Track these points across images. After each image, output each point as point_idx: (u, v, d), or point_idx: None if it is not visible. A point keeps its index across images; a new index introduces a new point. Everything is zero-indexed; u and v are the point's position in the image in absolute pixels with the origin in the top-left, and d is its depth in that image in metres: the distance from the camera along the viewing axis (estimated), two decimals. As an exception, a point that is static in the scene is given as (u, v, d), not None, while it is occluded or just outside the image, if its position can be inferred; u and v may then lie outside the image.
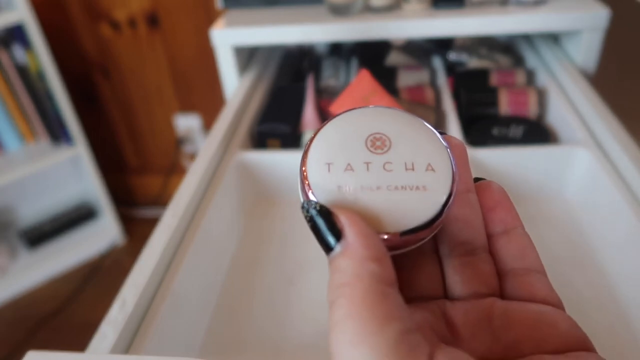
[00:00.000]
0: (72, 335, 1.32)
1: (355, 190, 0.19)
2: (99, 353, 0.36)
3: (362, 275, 0.16)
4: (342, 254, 0.17)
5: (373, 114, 0.21)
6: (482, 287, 0.20)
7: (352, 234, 0.17)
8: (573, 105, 0.64)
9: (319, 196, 0.19)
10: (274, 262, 0.56)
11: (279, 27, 0.72)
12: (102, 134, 1.61)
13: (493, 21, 0.69)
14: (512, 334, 0.19)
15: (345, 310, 0.16)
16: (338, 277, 0.17)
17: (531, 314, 0.19)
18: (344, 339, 0.15)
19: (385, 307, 0.16)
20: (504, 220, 0.21)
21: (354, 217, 0.18)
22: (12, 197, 1.56)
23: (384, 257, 0.17)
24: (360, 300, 0.16)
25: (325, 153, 0.20)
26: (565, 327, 0.19)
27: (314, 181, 0.20)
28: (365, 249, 0.17)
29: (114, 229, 1.58)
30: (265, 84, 0.80)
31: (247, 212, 0.63)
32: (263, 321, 0.49)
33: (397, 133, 0.21)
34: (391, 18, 0.71)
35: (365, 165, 0.20)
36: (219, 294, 0.52)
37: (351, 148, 0.20)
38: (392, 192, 0.19)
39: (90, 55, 1.46)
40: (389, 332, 0.15)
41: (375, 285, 0.16)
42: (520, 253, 0.21)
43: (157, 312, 0.41)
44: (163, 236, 0.46)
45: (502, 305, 0.20)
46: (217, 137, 0.62)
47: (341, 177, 0.19)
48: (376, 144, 0.20)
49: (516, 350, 0.19)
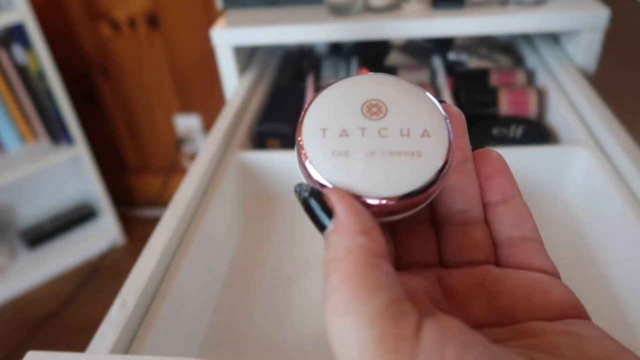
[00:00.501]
0: (72, 335, 1.32)
1: (349, 155, 0.19)
2: (99, 353, 0.36)
3: (351, 248, 0.17)
4: (334, 230, 0.18)
5: (370, 81, 0.21)
6: (477, 255, 0.21)
7: (342, 211, 0.18)
8: (573, 105, 0.64)
9: (313, 162, 0.19)
10: (274, 262, 0.56)
11: (279, 27, 0.72)
12: (102, 134, 1.61)
13: (493, 21, 0.69)
14: (506, 301, 0.19)
15: (336, 283, 0.16)
16: (330, 252, 0.17)
17: (525, 281, 0.19)
18: (334, 309, 0.16)
19: (374, 277, 0.16)
20: (502, 188, 0.21)
21: (342, 195, 0.18)
22: (12, 197, 1.56)
23: (373, 230, 0.18)
24: (349, 272, 0.16)
25: (320, 119, 0.20)
26: (560, 294, 0.19)
27: (308, 147, 0.20)
28: (355, 223, 0.17)
29: (114, 229, 1.58)
30: (265, 84, 0.80)
31: (247, 212, 0.63)
32: (263, 321, 0.49)
33: (393, 100, 0.20)
34: (391, 18, 0.71)
35: (361, 130, 0.20)
36: (219, 294, 0.52)
37: (346, 114, 0.20)
38: (387, 157, 0.19)
39: (90, 55, 1.46)
40: (376, 301, 0.15)
41: (365, 257, 0.17)
42: (517, 221, 0.21)
43: (157, 312, 0.41)
44: (163, 236, 0.46)
45: (496, 272, 0.20)
46: (217, 137, 0.62)
47: (336, 143, 0.19)
48: (372, 110, 0.20)
49: (510, 317, 0.19)
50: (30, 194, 1.57)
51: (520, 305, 0.19)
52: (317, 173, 0.19)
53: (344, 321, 0.15)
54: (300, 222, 0.61)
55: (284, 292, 0.52)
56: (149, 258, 0.44)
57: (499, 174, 0.21)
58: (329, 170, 0.19)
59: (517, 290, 0.19)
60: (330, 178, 0.19)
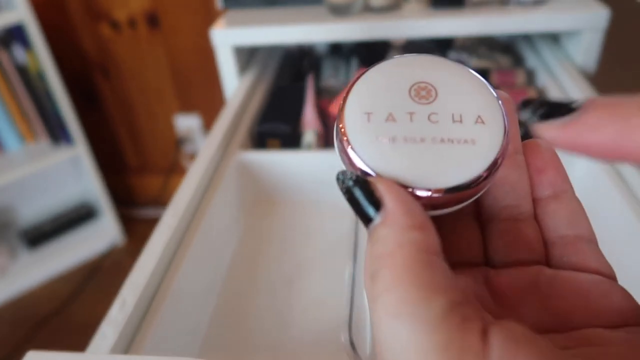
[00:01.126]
0: (72, 335, 1.32)
1: (397, 141, 0.17)
2: (99, 353, 0.36)
3: (404, 243, 0.15)
4: (382, 223, 0.16)
5: (418, 62, 0.19)
6: (526, 254, 0.19)
7: (391, 202, 0.16)
8: (573, 105, 0.64)
9: (359, 148, 0.18)
10: (274, 262, 0.56)
11: (279, 27, 0.72)
12: (102, 134, 1.61)
13: (493, 21, 0.69)
14: (562, 304, 0.17)
15: (388, 281, 0.15)
16: (378, 247, 0.16)
17: (582, 284, 0.18)
18: (386, 310, 0.14)
19: (431, 276, 0.14)
20: (553, 182, 0.19)
21: (392, 185, 0.17)
22: (12, 197, 1.56)
23: (427, 224, 0.16)
24: (403, 270, 0.15)
25: (363, 102, 0.18)
26: (620, 298, 0.17)
27: (351, 132, 0.18)
28: (407, 216, 0.16)
29: (114, 229, 1.58)
30: (265, 84, 0.80)
31: (247, 212, 0.63)
32: (263, 321, 0.49)
33: (444, 82, 0.19)
34: (391, 18, 0.71)
35: (409, 115, 0.18)
36: (219, 294, 0.52)
37: (393, 97, 0.18)
38: (437, 145, 0.17)
39: (90, 55, 1.46)
40: (436, 304, 0.14)
41: (419, 254, 0.15)
42: (571, 219, 0.19)
43: (157, 312, 0.41)
44: (163, 236, 0.46)
45: (550, 273, 0.18)
46: (217, 137, 0.62)
47: (382, 128, 0.18)
48: (421, 94, 0.18)
49: (567, 322, 0.17)
50: (30, 194, 1.57)
51: (578, 309, 0.17)
52: (361, 160, 0.18)
53: (398, 324, 0.14)
54: (300, 222, 0.61)
55: (284, 291, 0.52)
56: (149, 258, 0.44)
57: (550, 167, 0.19)
58: (374, 158, 0.17)
59: (573, 294, 0.18)
60: (375, 166, 0.17)
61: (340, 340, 0.47)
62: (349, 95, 0.19)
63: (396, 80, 0.19)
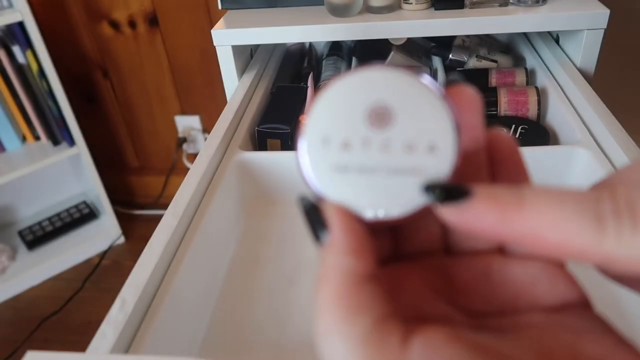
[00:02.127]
0: (72, 335, 1.32)
1: (349, 171, 0.19)
2: (99, 353, 0.36)
3: (337, 268, 0.17)
4: (326, 247, 0.18)
5: (376, 79, 0.20)
6: (482, 243, 0.21)
7: (335, 228, 0.18)
8: (573, 106, 0.64)
9: (313, 173, 0.19)
10: (274, 262, 0.56)
11: (279, 27, 0.72)
12: (102, 134, 1.61)
13: (493, 21, 0.69)
14: (509, 290, 0.19)
15: (322, 302, 0.17)
16: (320, 270, 0.18)
17: (529, 270, 0.19)
18: (320, 329, 0.16)
19: (358, 298, 0.16)
20: (513, 175, 0.21)
21: (338, 210, 0.19)
22: (12, 197, 1.56)
23: (364, 248, 0.18)
24: (334, 293, 0.17)
25: (321, 126, 0.19)
26: (563, 284, 0.19)
27: (308, 157, 0.19)
28: (345, 242, 0.18)
29: (114, 229, 1.58)
30: (265, 84, 0.80)
31: (247, 212, 0.63)
32: (263, 321, 0.49)
33: (401, 104, 0.19)
34: (391, 18, 0.71)
35: (363, 142, 0.19)
36: (219, 294, 0.52)
37: (349, 121, 0.19)
38: (387, 176, 0.19)
39: (90, 55, 1.46)
40: (360, 323, 0.16)
41: (349, 278, 0.17)
42: None
43: (157, 312, 0.41)
44: (163, 236, 0.46)
45: (501, 261, 0.20)
46: (217, 137, 0.62)
47: (337, 155, 0.19)
48: (377, 118, 0.19)
49: (513, 306, 0.19)
50: (30, 194, 1.58)
51: (524, 295, 0.19)
52: (316, 185, 0.19)
53: (329, 342, 0.16)
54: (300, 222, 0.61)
55: (284, 292, 0.52)
56: (149, 258, 0.44)
57: (509, 160, 0.21)
58: (328, 184, 0.19)
59: (521, 280, 0.19)
60: (329, 192, 0.19)
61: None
62: (310, 117, 0.20)
63: (355, 100, 0.19)
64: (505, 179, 0.21)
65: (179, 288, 0.45)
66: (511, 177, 0.21)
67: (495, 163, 0.21)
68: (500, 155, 0.21)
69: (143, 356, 0.34)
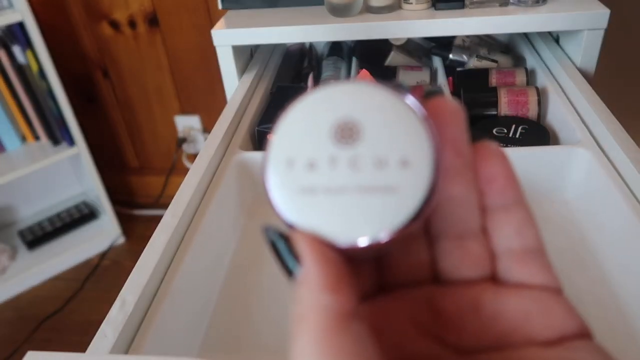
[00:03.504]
0: (72, 335, 1.32)
1: (317, 193, 0.17)
2: (99, 353, 0.36)
3: (315, 307, 0.16)
4: (300, 282, 0.16)
5: (342, 95, 0.18)
6: (472, 272, 0.19)
7: (308, 261, 0.16)
8: (573, 106, 0.64)
9: (279, 199, 0.17)
10: (273, 262, 0.56)
11: (279, 27, 0.72)
12: (102, 134, 1.61)
13: (493, 21, 0.69)
14: (502, 324, 0.18)
15: (299, 348, 0.15)
16: (297, 307, 0.16)
17: (523, 302, 0.18)
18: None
19: (340, 342, 0.15)
20: (503, 192, 0.19)
21: (311, 241, 0.16)
22: (12, 197, 1.56)
23: (341, 284, 0.16)
24: (313, 338, 0.15)
25: (285, 146, 0.18)
26: (560, 315, 0.18)
27: (274, 181, 0.18)
28: (321, 277, 0.16)
29: (114, 229, 1.58)
30: (265, 84, 0.80)
31: (247, 212, 0.63)
32: (263, 321, 0.49)
33: (369, 118, 0.18)
34: (391, 18, 0.71)
35: (330, 161, 0.17)
36: (219, 294, 0.52)
37: (314, 140, 0.18)
38: (358, 195, 0.17)
39: (90, 55, 1.46)
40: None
41: (329, 320, 0.15)
42: (518, 230, 0.19)
43: (157, 312, 0.41)
44: (163, 236, 0.46)
45: (492, 292, 0.18)
46: (217, 137, 0.62)
47: (302, 177, 0.17)
48: (344, 134, 0.17)
49: (507, 341, 0.18)
50: (30, 194, 1.58)
51: (518, 330, 0.18)
52: (285, 212, 0.17)
53: None
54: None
55: (284, 292, 0.52)
56: (149, 258, 0.44)
57: (500, 176, 0.19)
58: (295, 210, 0.17)
59: (514, 314, 0.18)
60: (297, 219, 0.17)
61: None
62: (274, 137, 0.18)
63: (319, 119, 0.18)
64: (495, 197, 0.19)
65: (179, 288, 0.45)
66: (502, 195, 0.19)
67: (486, 182, 0.19)
68: (489, 172, 0.19)
69: (143, 356, 0.34)
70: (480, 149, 0.19)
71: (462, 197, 0.19)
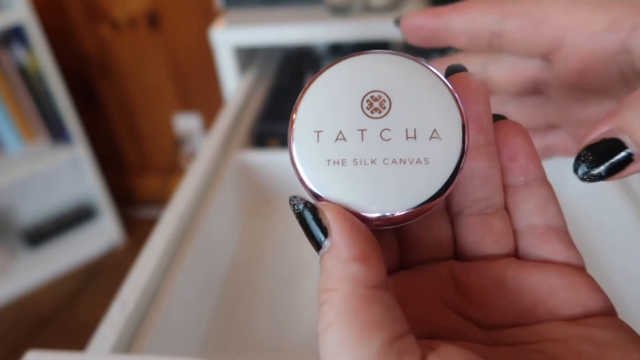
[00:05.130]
0: (72, 335, 1.32)
1: (346, 164, 0.17)
2: (99, 353, 0.36)
3: (344, 278, 0.15)
4: (328, 253, 0.16)
5: (371, 65, 0.18)
6: (494, 248, 0.19)
7: (336, 232, 0.16)
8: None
9: (306, 171, 0.17)
10: (273, 262, 0.56)
11: (279, 27, 0.72)
12: (102, 134, 1.61)
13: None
14: (526, 299, 0.18)
15: (329, 319, 0.15)
16: (323, 279, 0.16)
17: (547, 277, 0.18)
18: (328, 350, 0.15)
19: (370, 313, 0.15)
20: (525, 169, 0.19)
21: (339, 212, 0.16)
22: (12, 197, 1.56)
23: (371, 254, 0.16)
24: (342, 308, 0.15)
25: (313, 119, 0.18)
26: (585, 291, 0.18)
27: (301, 153, 0.17)
28: (350, 248, 0.16)
29: (113, 229, 1.58)
30: (265, 84, 0.80)
31: (247, 212, 0.63)
32: (263, 321, 0.49)
33: (399, 89, 0.17)
34: (391, 18, 0.71)
35: (360, 133, 0.17)
36: (219, 294, 0.52)
37: (344, 111, 0.17)
38: (388, 167, 0.17)
39: (90, 55, 1.46)
40: (373, 342, 0.14)
41: (359, 289, 0.15)
42: (541, 207, 0.19)
43: (157, 312, 0.41)
44: (163, 236, 0.46)
45: (516, 267, 0.18)
46: (217, 137, 0.62)
47: (331, 149, 0.17)
48: (373, 105, 0.17)
49: (531, 316, 0.17)
50: (30, 194, 1.57)
51: (542, 304, 0.17)
52: (312, 183, 0.17)
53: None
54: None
55: (284, 292, 0.52)
56: (149, 258, 0.44)
57: (522, 153, 0.19)
58: (324, 181, 0.17)
59: (538, 289, 0.18)
60: (325, 190, 0.17)
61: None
62: (299, 108, 0.18)
63: (349, 89, 0.18)
64: (518, 174, 0.19)
65: (179, 288, 0.45)
66: (524, 171, 0.19)
67: (508, 159, 0.19)
68: (512, 149, 0.19)
69: (143, 356, 0.34)
70: (502, 126, 0.19)
71: (485, 173, 0.19)
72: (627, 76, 0.22)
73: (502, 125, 0.19)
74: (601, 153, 0.18)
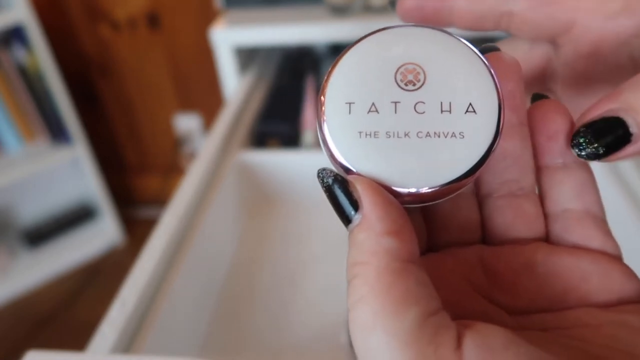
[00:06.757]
0: (72, 335, 1.32)
1: (379, 136, 0.16)
2: (99, 353, 0.36)
3: (377, 252, 0.15)
4: (359, 227, 0.15)
5: (405, 37, 0.17)
6: (524, 232, 0.18)
7: (368, 205, 0.15)
8: (573, 105, 0.64)
9: (337, 143, 0.17)
10: (274, 262, 0.56)
11: (279, 27, 0.72)
12: (102, 134, 1.61)
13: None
14: (557, 285, 0.17)
15: (361, 292, 0.14)
16: (354, 253, 0.15)
17: (580, 263, 0.17)
18: (360, 323, 0.14)
19: (404, 287, 0.14)
20: (564, 151, 0.18)
21: (370, 185, 0.16)
22: (12, 197, 1.56)
23: (404, 228, 0.15)
24: (375, 281, 0.14)
25: (345, 90, 0.17)
26: (619, 278, 0.17)
27: (331, 125, 0.17)
28: (382, 221, 0.15)
29: (113, 229, 1.58)
30: (265, 84, 0.80)
31: (247, 212, 0.63)
32: (263, 321, 0.49)
33: (434, 62, 0.17)
34: (391, 18, 0.71)
35: (393, 105, 0.17)
36: (219, 294, 0.52)
37: (377, 83, 0.17)
38: (422, 140, 0.16)
39: (90, 55, 1.46)
40: (407, 316, 0.14)
41: (392, 263, 0.15)
42: (578, 191, 0.18)
43: (157, 312, 0.41)
44: (163, 236, 0.46)
45: (547, 250, 0.18)
46: (217, 137, 0.62)
47: (364, 121, 0.17)
48: (407, 78, 0.17)
49: (561, 302, 0.17)
50: (30, 194, 1.57)
51: (574, 289, 0.17)
52: (342, 156, 0.17)
53: (372, 338, 0.14)
54: (300, 222, 0.61)
55: (284, 292, 0.52)
56: (149, 258, 0.44)
57: (562, 133, 0.18)
58: (355, 154, 0.16)
59: (570, 274, 0.17)
60: (356, 163, 0.16)
61: (340, 341, 0.47)
62: (330, 80, 0.17)
63: (381, 61, 0.17)
64: (556, 155, 0.18)
65: (179, 288, 0.45)
66: (563, 153, 0.18)
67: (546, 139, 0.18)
68: (552, 128, 0.18)
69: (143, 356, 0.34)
70: (542, 105, 0.18)
71: (517, 154, 0.18)
72: (637, 62, 0.22)
73: (542, 104, 0.18)
74: (601, 130, 0.17)
